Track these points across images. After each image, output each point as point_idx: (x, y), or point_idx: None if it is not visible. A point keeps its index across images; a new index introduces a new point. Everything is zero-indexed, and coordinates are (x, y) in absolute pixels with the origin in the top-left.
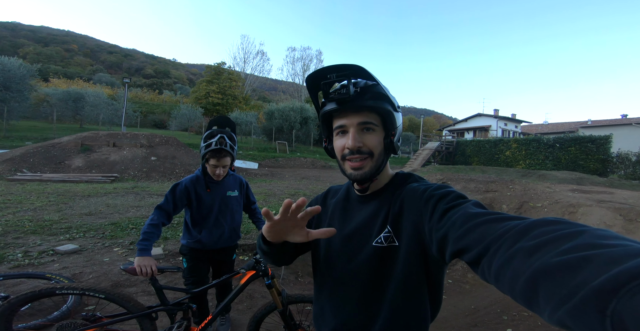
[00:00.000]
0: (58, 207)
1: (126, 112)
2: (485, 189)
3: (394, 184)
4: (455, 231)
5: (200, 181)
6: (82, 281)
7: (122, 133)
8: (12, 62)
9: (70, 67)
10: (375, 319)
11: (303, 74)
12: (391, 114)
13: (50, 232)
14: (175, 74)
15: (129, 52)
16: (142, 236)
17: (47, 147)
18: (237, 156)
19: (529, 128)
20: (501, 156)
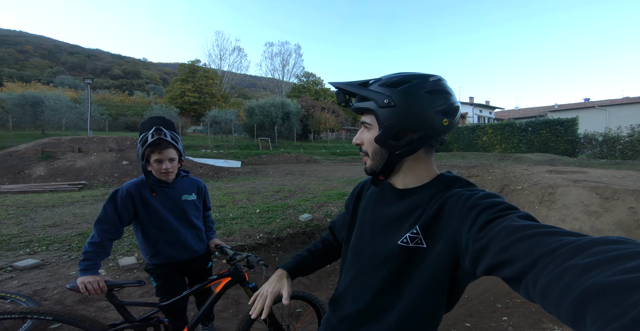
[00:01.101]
0: (18, 220)
1: (92, 116)
2: (467, 175)
3: (436, 185)
4: (498, 243)
5: (146, 186)
6: (46, 297)
7: (88, 138)
8: None
9: (26, 69)
10: (389, 313)
11: (282, 69)
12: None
13: (8, 247)
14: (147, 73)
15: (93, 53)
16: (82, 256)
17: (4, 157)
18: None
19: (502, 114)
20: (479, 142)
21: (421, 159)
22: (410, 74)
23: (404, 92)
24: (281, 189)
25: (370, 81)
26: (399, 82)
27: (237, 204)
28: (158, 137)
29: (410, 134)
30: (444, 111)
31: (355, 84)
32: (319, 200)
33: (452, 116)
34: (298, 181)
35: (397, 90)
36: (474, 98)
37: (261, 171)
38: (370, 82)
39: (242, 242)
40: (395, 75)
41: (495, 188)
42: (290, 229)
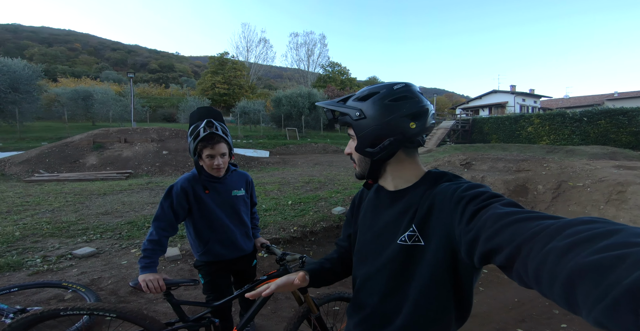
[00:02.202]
0: (75, 207)
1: (135, 108)
2: (516, 169)
3: (425, 183)
4: (485, 232)
5: (198, 181)
6: (102, 287)
7: (133, 129)
8: (16, 64)
9: (77, 66)
10: (397, 315)
11: (308, 60)
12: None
13: (68, 234)
14: (180, 67)
15: (132, 48)
16: (142, 253)
17: (61, 147)
18: (247, 144)
19: (549, 103)
20: (522, 133)
21: (403, 160)
22: (378, 86)
23: (371, 103)
24: (311, 180)
25: (347, 96)
26: (368, 95)
27: (269, 195)
28: (210, 132)
29: (383, 141)
30: (410, 116)
31: (335, 101)
32: (350, 192)
33: (420, 118)
34: (327, 171)
35: (365, 103)
36: (516, 86)
37: (289, 161)
38: (347, 98)
39: (277, 235)
40: (365, 89)
41: (551, 184)
42: (324, 223)
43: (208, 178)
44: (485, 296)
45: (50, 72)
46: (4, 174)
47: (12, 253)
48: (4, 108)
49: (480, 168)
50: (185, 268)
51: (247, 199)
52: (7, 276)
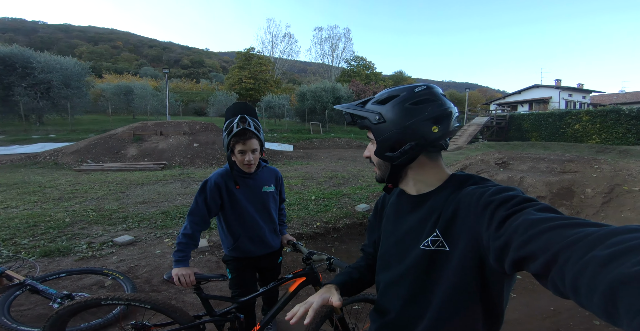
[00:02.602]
0: (117, 196)
1: (169, 102)
2: (561, 170)
3: (448, 186)
4: (518, 238)
5: (230, 176)
6: (137, 275)
7: (167, 122)
8: (67, 61)
9: (119, 63)
10: (421, 321)
11: (332, 54)
12: (369, 128)
13: (110, 222)
14: (209, 62)
15: (167, 45)
16: (176, 246)
17: (106, 139)
18: (272, 138)
19: (601, 98)
20: (568, 130)
21: (425, 164)
22: (398, 88)
23: (390, 107)
24: (334, 175)
25: (366, 100)
26: (387, 98)
27: (292, 189)
28: (243, 128)
29: (403, 145)
30: (432, 119)
31: (354, 105)
32: (374, 189)
33: (443, 122)
34: (351, 167)
35: (385, 106)
36: (562, 81)
37: (313, 156)
38: (366, 101)
39: (300, 230)
40: (385, 91)
41: (602, 187)
42: (347, 220)
43: (240, 173)
44: (518, 303)
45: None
46: (57, 163)
47: (62, 239)
48: (58, 103)
49: (518, 167)
50: (213, 259)
51: (276, 196)
52: (56, 261)
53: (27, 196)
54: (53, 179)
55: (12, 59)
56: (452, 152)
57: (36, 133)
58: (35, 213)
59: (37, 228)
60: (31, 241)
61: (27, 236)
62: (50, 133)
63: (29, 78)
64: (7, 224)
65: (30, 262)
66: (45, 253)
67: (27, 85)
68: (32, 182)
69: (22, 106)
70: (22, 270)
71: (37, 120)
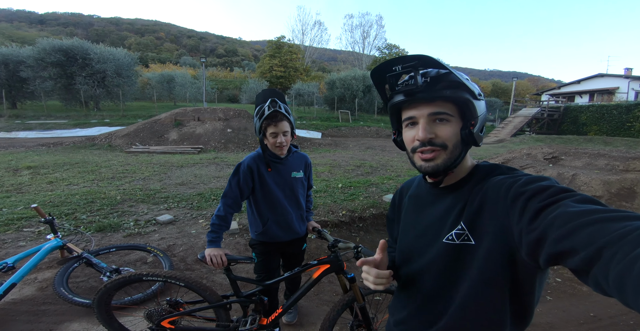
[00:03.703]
0: (160, 177)
1: (205, 90)
2: (624, 168)
3: (474, 177)
4: (555, 232)
5: (262, 159)
6: (175, 253)
7: (204, 108)
8: (119, 52)
9: (162, 53)
10: (441, 317)
11: (363, 42)
12: (469, 102)
13: (154, 201)
14: (242, 51)
15: (203, 35)
16: (210, 227)
17: (151, 124)
18: (301, 125)
19: None
20: (636, 125)
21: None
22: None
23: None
24: (362, 164)
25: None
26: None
27: (320, 176)
28: (274, 110)
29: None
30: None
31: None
32: (403, 179)
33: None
34: (379, 156)
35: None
36: (632, 70)
37: (341, 144)
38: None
39: (325, 218)
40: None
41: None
42: (374, 210)
43: (271, 156)
44: (553, 307)
45: (143, 59)
46: (111, 145)
47: (113, 216)
48: (111, 90)
49: (571, 164)
50: (242, 242)
51: (304, 182)
52: (108, 236)
53: (86, 175)
54: (107, 159)
55: (73, 51)
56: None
57: (94, 118)
58: (93, 190)
59: (94, 204)
60: (89, 217)
61: (86, 211)
62: (105, 118)
63: (88, 68)
64: (69, 200)
65: (87, 236)
66: (100, 228)
67: (87, 75)
68: (90, 162)
69: (83, 93)
70: (80, 244)
71: (95, 106)
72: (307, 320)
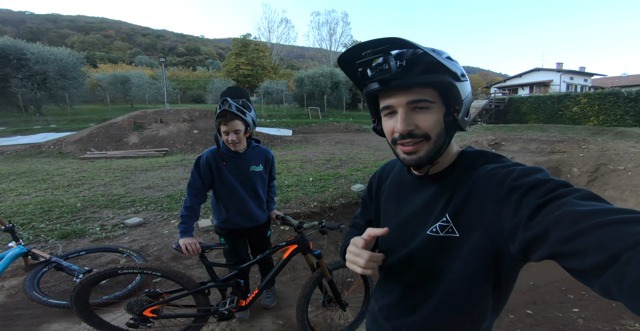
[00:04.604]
0: (123, 182)
1: (167, 90)
2: (550, 150)
3: (460, 165)
4: (561, 232)
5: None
6: (149, 253)
7: (167, 110)
8: (61, 52)
9: (112, 52)
10: (423, 307)
11: (330, 39)
12: (452, 86)
13: (119, 206)
14: (205, 50)
15: (160, 33)
16: (180, 219)
17: (107, 128)
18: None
19: (603, 81)
20: (566, 113)
21: None
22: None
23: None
24: (332, 158)
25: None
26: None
27: (291, 172)
28: (223, 110)
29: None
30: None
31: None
32: (370, 170)
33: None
34: (348, 150)
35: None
36: (563, 64)
37: (312, 140)
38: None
39: (298, 209)
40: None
41: (587, 167)
42: (343, 199)
43: (228, 152)
44: None
45: (90, 59)
46: (61, 152)
47: (76, 222)
48: (55, 93)
49: (510, 149)
50: (217, 237)
51: (265, 175)
52: (74, 242)
53: (37, 184)
54: (60, 167)
55: (5, 51)
56: None
57: (37, 124)
58: (48, 199)
59: (52, 212)
60: (48, 225)
61: (44, 220)
62: (50, 123)
63: (25, 69)
64: (22, 210)
65: (52, 242)
66: (63, 235)
67: (23, 76)
68: (39, 170)
69: (20, 97)
70: (45, 250)
71: (37, 111)
72: (285, 303)
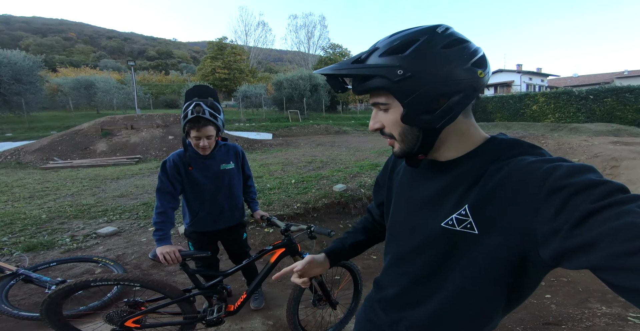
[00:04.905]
0: (92, 191)
1: (137, 95)
2: None
3: (485, 153)
4: (618, 245)
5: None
6: (126, 262)
7: (138, 115)
8: (15, 55)
9: (74, 55)
10: (427, 303)
11: (308, 42)
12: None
13: (89, 216)
14: (178, 53)
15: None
16: (154, 226)
17: (71, 135)
18: (250, 128)
19: (557, 82)
20: (527, 111)
21: (462, 123)
22: (411, 32)
23: (415, 55)
24: (313, 160)
25: (363, 54)
26: (405, 44)
27: (273, 174)
28: (197, 115)
29: (445, 101)
30: (474, 62)
31: (349, 63)
32: (351, 171)
33: (485, 64)
34: (329, 152)
35: (406, 55)
36: (522, 65)
37: (292, 143)
38: (364, 55)
39: (281, 211)
40: (394, 38)
41: None
42: (326, 200)
43: (196, 154)
44: None
45: (48, 63)
46: (20, 162)
47: (42, 234)
48: (9, 99)
49: None
50: None
51: (238, 172)
52: (42, 255)
53: None
54: (19, 178)
55: None
56: None
57: None
58: (8, 211)
59: (14, 225)
60: (11, 238)
61: (5, 233)
62: (5, 132)
63: None
64: None
65: (17, 255)
66: (29, 247)
67: None
68: None
69: None
70: (11, 263)
71: None
72: (273, 303)
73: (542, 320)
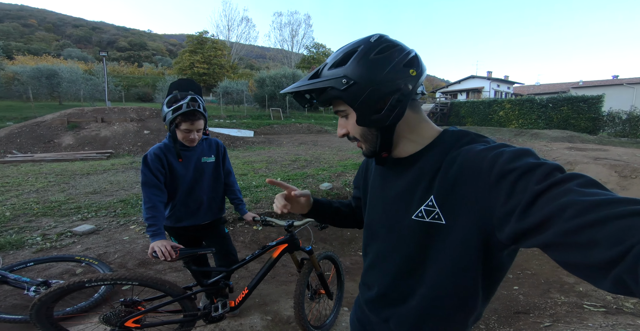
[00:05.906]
0: (61, 187)
1: (108, 87)
2: None
3: (442, 144)
4: (566, 222)
5: (170, 150)
6: (110, 261)
7: (109, 108)
8: None
9: (33, 43)
10: (411, 298)
11: (292, 40)
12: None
13: (61, 213)
14: (153, 45)
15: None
16: (146, 222)
17: (32, 127)
18: (231, 124)
19: (521, 89)
20: (495, 116)
21: (411, 119)
22: (351, 45)
23: (355, 64)
24: (297, 158)
25: (318, 69)
26: (345, 57)
27: (258, 172)
28: (193, 109)
29: (388, 100)
30: (405, 63)
31: (305, 80)
32: (335, 170)
33: (416, 64)
34: (312, 151)
35: (347, 66)
36: (492, 73)
37: (274, 141)
38: (319, 70)
39: (269, 209)
40: (339, 52)
41: None
42: None
43: (181, 147)
44: None
45: (3, 49)
46: None
47: (9, 233)
48: None
49: None
50: None
51: (218, 166)
52: (11, 255)
53: None
54: None
55: None
56: None
57: None
58: None
59: None
60: None
61: None
62: None
63: None
64: None
65: None
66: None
67: None
68: None
69: None
70: None
71: None
72: (269, 298)
73: (513, 309)
